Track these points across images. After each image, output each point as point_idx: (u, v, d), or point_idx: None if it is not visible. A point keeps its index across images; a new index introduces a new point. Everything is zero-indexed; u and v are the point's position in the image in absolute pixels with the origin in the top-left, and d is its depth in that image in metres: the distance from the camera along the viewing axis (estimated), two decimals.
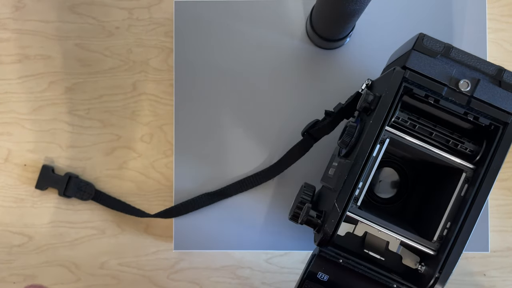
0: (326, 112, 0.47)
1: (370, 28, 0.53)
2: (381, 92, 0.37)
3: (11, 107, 0.54)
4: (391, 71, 0.37)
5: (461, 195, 0.38)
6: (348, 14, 0.42)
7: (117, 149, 0.54)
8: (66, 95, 0.54)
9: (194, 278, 0.54)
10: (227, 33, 0.54)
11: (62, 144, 0.54)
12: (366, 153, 0.36)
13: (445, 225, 0.38)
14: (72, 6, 0.54)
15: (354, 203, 0.38)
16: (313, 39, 0.52)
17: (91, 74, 0.54)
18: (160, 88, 0.54)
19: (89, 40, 0.54)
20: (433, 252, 0.38)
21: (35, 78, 0.54)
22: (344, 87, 0.52)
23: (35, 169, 0.54)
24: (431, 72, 0.37)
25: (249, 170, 0.53)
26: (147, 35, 0.54)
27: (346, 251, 0.38)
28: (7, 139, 0.54)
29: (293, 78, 0.54)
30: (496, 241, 0.53)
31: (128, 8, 0.55)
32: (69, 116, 0.54)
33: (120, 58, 0.54)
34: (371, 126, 0.36)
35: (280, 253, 0.54)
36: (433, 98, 0.37)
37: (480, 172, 0.37)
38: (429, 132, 0.39)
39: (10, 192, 0.54)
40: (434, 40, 0.37)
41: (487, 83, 0.37)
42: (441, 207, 0.39)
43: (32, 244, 0.54)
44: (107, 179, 0.54)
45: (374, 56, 0.53)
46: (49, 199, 0.54)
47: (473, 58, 0.37)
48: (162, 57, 0.54)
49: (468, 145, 0.38)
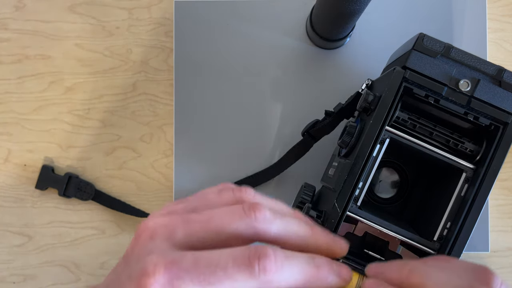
0: (326, 112, 0.47)
1: (370, 28, 0.53)
2: (381, 92, 0.37)
3: (11, 107, 0.54)
4: (391, 71, 0.37)
5: (461, 195, 0.38)
6: (348, 14, 0.42)
7: (117, 149, 0.54)
8: (66, 95, 0.54)
9: None
10: (227, 33, 0.54)
11: (62, 144, 0.54)
12: (366, 153, 0.36)
13: (445, 225, 0.38)
14: (72, 6, 0.54)
15: (354, 203, 0.38)
16: (313, 39, 0.52)
17: (91, 74, 0.54)
18: (160, 88, 0.54)
19: (89, 40, 0.54)
20: (433, 252, 0.38)
21: (35, 78, 0.54)
22: (344, 87, 0.52)
23: (35, 169, 0.54)
24: (431, 72, 0.37)
25: (249, 170, 0.53)
26: (147, 35, 0.54)
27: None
28: (7, 139, 0.54)
29: (293, 78, 0.54)
30: (496, 241, 0.53)
31: (128, 8, 0.54)
32: (69, 116, 0.54)
33: (120, 58, 0.54)
34: (371, 126, 0.36)
35: None
36: (433, 98, 0.37)
37: (480, 172, 0.37)
38: (429, 132, 0.39)
39: (10, 192, 0.54)
40: (434, 40, 0.37)
41: (487, 83, 0.37)
42: (441, 207, 0.39)
43: (32, 244, 0.54)
44: (107, 179, 0.54)
45: (374, 56, 0.53)
46: (49, 199, 0.54)
47: (473, 58, 0.37)
48: (162, 57, 0.54)
49: (468, 145, 0.38)
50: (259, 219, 0.27)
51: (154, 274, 0.24)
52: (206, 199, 0.29)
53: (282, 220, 0.28)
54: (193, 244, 0.27)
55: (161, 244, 0.26)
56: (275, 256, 0.25)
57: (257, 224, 0.27)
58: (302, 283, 0.26)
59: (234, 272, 0.25)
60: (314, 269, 0.27)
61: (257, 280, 0.25)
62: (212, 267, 0.25)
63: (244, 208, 0.27)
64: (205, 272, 0.25)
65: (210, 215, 0.27)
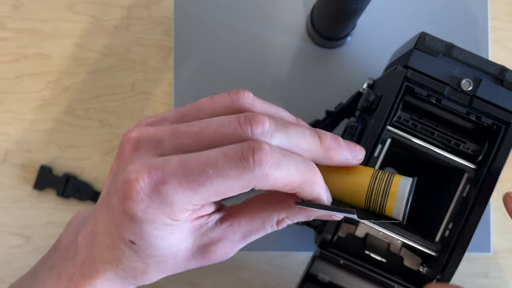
0: (327, 112, 0.47)
1: (372, 27, 0.53)
2: (383, 92, 0.37)
3: (9, 107, 0.54)
4: (393, 70, 0.37)
5: (463, 196, 0.38)
6: (349, 12, 0.42)
7: (116, 149, 0.54)
8: (64, 94, 0.54)
9: (193, 280, 0.54)
10: (227, 32, 0.53)
11: (60, 144, 0.54)
12: (367, 153, 0.36)
13: (447, 226, 0.38)
14: (70, 5, 0.54)
15: None
16: (314, 38, 0.52)
17: (90, 73, 0.54)
18: (159, 87, 0.54)
19: (88, 39, 0.54)
20: (435, 253, 0.38)
21: (33, 77, 0.54)
22: (345, 86, 0.52)
23: (33, 169, 0.54)
24: (433, 71, 0.36)
25: None
26: (146, 34, 0.54)
27: (347, 253, 0.38)
28: (5, 139, 0.54)
29: (294, 77, 0.53)
30: (499, 242, 0.52)
31: (127, 6, 0.54)
32: (67, 115, 0.54)
33: (119, 57, 0.54)
34: (373, 126, 0.36)
35: (281, 254, 0.54)
36: (435, 97, 0.36)
37: (482, 172, 0.37)
38: (430, 132, 0.38)
39: (8, 193, 0.54)
40: (436, 39, 0.37)
41: (489, 82, 0.36)
42: (443, 208, 0.38)
43: (30, 245, 0.54)
44: (105, 179, 0.54)
45: (375, 55, 0.53)
46: (47, 200, 0.54)
47: (475, 57, 0.37)
48: (161, 56, 0.54)
49: (470, 145, 0.38)
50: (256, 133, 0.23)
51: (138, 181, 0.23)
52: (198, 105, 0.26)
53: (284, 132, 0.24)
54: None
55: (145, 154, 0.24)
56: (271, 148, 0.22)
57: (253, 139, 0.23)
58: (300, 180, 0.24)
59: (226, 168, 0.22)
60: (312, 168, 0.24)
61: (252, 174, 0.22)
62: (200, 167, 0.22)
63: (240, 120, 0.24)
64: (193, 173, 0.22)
65: (201, 126, 0.24)
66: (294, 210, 0.26)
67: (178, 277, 0.54)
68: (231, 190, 0.23)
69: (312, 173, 0.24)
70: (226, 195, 0.23)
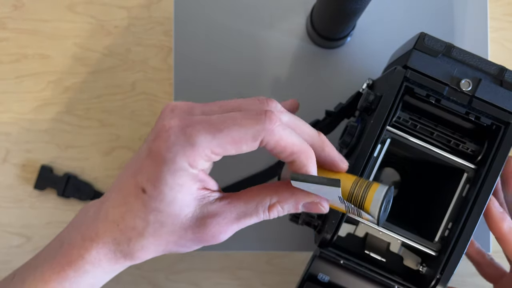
0: (327, 112, 0.47)
1: (371, 27, 0.53)
2: (382, 92, 0.37)
3: (9, 107, 0.54)
4: (392, 71, 0.37)
5: (462, 196, 0.38)
6: (349, 13, 0.42)
7: (116, 149, 0.54)
8: (64, 94, 0.54)
9: (193, 279, 0.54)
10: (227, 32, 0.53)
11: (60, 144, 0.54)
12: (367, 153, 0.36)
13: (446, 225, 0.38)
14: (70, 5, 0.54)
15: None
16: (314, 38, 0.52)
17: (90, 73, 0.54)
18: (160, 87, 0.54)
19: (88, 39, 0.54)
20: (435, 253, 0.38)
21: (34, 77, 0.54)
22: (344, 86, 0.52)
23: (33, 169, 0.54)
24: (433, 71, 0.36)
25: (249, 170, 0.53)
26: (146, 34, 0.54)
27: (347, 252, 0.38)
28: (5, 139, 0.54)
29: (293, 77, 0.53)
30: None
31: (127, 7, 0.54)
32: (67, 115, 0.54)
33: (119, 57, 0.54)
34: (372, 126, 0.36)
35: (281, 254, 0.54)
36: (434, 97, 0.36)
37: (482, 172, 0.37)
38: (430, 132, 0.39)
39: (9, 193, 0.54)
40: (435, 39, 0.37)
41: (489, 82, 0.36)
42: (442, 208, 0.38)
43: (30, 245, 0.54)
44: (106, 179, 0.54)
45: (375, 56, 0.53)
46: (47, 200, 0.54)
47: (474, 58, 0.37)
48: (161, 56, 0.54)
49: (469, 145, 0.38)
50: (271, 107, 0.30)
51: (170, 124, 0.28)
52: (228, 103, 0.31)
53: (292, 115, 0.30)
54: None
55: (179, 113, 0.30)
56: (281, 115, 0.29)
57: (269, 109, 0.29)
58: (298, 148, 0.29)
59: (242, 119, 0.28)
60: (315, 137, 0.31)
61: (263, 126, 0.27)
62: (222, 118, 0.28)
63: (259, 98, 0.30)
64: (215, 123, 0.28)
65: (227, 101, 0.30)
66: (284, 195, 0.30)
67: (178, 276, 0.54)
68: (243, 139, 0.28)
69: (308, 148, 0.29)
70: (239, 145, 0.28)
